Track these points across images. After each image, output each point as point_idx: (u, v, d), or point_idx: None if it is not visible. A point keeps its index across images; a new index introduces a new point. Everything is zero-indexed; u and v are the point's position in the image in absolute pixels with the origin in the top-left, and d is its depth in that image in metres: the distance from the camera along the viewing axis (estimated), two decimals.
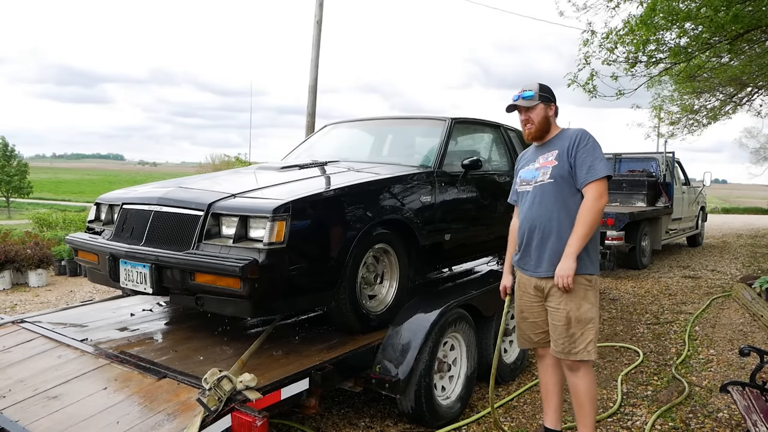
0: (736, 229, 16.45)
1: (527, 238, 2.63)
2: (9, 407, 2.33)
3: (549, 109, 2.64)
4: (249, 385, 2.29)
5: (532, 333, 2.75)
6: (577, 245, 2.45)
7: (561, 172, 2.54)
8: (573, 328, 2.53)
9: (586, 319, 2.53)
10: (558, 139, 2.64)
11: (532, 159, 2.72)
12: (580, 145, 2.53)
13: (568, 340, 2.55)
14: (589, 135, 2.58)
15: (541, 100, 2.61)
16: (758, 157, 34.06)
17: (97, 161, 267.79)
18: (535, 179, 2.62)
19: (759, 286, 6.11)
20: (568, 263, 2.45)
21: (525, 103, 2.61)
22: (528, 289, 2.69)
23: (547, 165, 2.59)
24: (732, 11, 7.04)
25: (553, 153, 2.60)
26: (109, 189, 4.15)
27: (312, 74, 10.68)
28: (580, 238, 2.45)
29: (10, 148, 42.47)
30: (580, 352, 2.54)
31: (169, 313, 3.62)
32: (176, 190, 3.06)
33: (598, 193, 2.47)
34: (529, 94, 2.62)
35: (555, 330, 2.59)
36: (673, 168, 9.73)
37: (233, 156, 25.41)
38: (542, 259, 2.58)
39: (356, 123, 4.82)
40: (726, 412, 3.43)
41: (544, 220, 2.56)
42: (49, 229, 11.24)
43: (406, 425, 3.19)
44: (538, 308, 2.68)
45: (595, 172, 2.47)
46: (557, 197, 2.54)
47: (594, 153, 2.51)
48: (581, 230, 2.46)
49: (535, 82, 2.66)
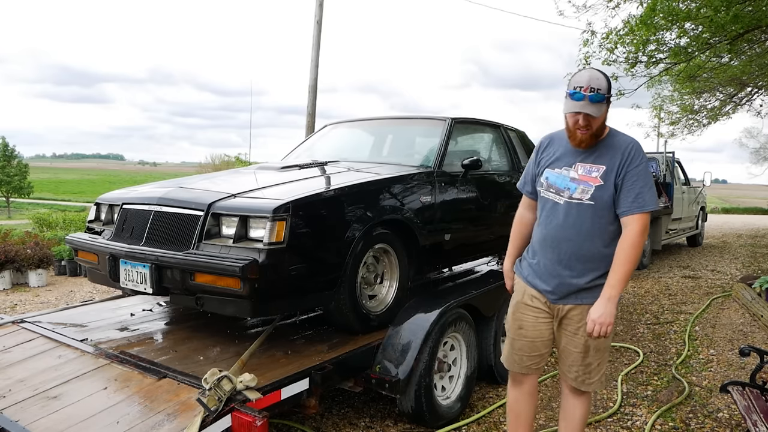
0: (736, 229, 16.46)
1: (548, 256, 2.26)
2: (9, 407, 2.33)
3: (608, 108, 2.14)
4: (249, 385, 2.29)
5: (525, 355, 2.37)
6: (620, 287, 2.11)
7: (605, 195, 2.13)
8: (590, 357, 2.27)
9: (604, 348, 2.28)
10: (607, 147, 2.16)
11: (567, 161, 2.23)
12: (632, 164, 2.11)
13: (584, 369, 2.29)
14: (643, 153, 2.16)
15: (607, 101, 2.09)
16: (758, 157, 34.13)
17: (97, 161, 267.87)
18: (570, 193, 2.18)
19: (759, 286, 6.11)
20: (610, 309, 2.10)
21: (595, 111, 2.05)
22: (537, 303, 2.32)
23: (589, 181, 2.15)
24: (732, 11, 7.05)
25: (599, 168, 2.14)
26: (109, 189, 4.15)
27: (312, 74, 10.68)
28: (622, 278, 2.11)
29: (10, 149, 42.47)
30: (595, 383, 2.32)
31: (169, 313, 3.62)
32: (176, 190, 3.06)
33: (643, 227, 2.10)
34: (600, 97, 2.04)
35: (568, 356, 2.31)
36: (673, 168, 9.73)
37: (233, 156, 25.44)
38: (564, 285, 2.23)
39: (356, 123, 4.82)
40: (726, 412, 3.43)
41: (574, 245, 2.19)
42: (49, 229, 11.23)
43: (406, 425, 3.19)
44: (544, 326, 2.33)
45: (643, 203, 2.10)
46: (594, 223, 2.16)
47: (645, 178, 2.12)
48: (624, 269, 2.10)
49: (601, 75, 2.08)
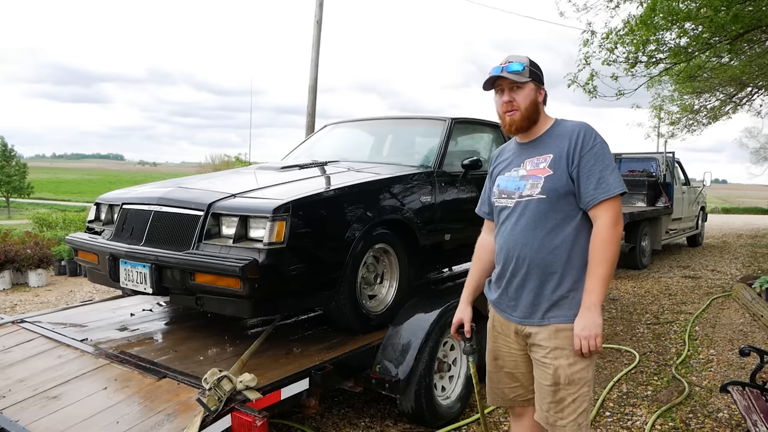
0: (736, 229, 16.45)
1: (505, 271, 1.98)
2: (9, 407, 2.33)
3: (539, 92, 1.98)
4: (249, 385, 2.29)
5: (506, 387, 2.10)
6: (599, 292, 1.81)
7: (557, 185, 1.89)
8: (562, 391, 1.89)
9: (579, 380, 1.88)
10: (552, 136, 1.97)
11: (516, 162, 2.03)
12: (584, 148, 1.87)
13: (555, 406, 1.90)
14: (595, 133, 1.92)
15: (532, 77, 1.94)
16: (758, 157, 34.12)
17: (97, 161, 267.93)
18: (520, 192, 1.95)
19: (759, 286, 6.11)
20: (593, 319, 1.80)
21: (513, 77, 1.91)
22: (506, 331, 2.04)
23: (537, 174, 1.93)
24: (732, 11, 7.05)
25: (546, 158, 1.93)
26: (109, 189, 4.15)
27: (312, 74, 10.68)
28: (601, 281, 1.81)
29: (9, 148, 42.48)
30: (569, 425, 1.89)
31: (169, 313, 3.62)
32: (176, 190, 3.06)
33: (615, 217, 1.83)
34: (518, 67, 1.92)
35: (540, 391, 1.96)
36: (673, 168, 9.74)
37: (233, 156, 25.46)
38: (525, 301, 1.95)
39: (356, 123, 4.82)
40: (726, 412, 3.43)
41: (530, 250, 1.91)
42: (49, 229, 11.24)
43: (406, 425, 3.19)
44: (519, 357, 2.04)
45: (607, 187, 1.83)
46: (550, 220, 1.89)
47: (603, 160, 1.87)
48: (601, 270, 1.81)
49: (524, 55, 1.98)
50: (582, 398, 1.90)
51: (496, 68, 1.96)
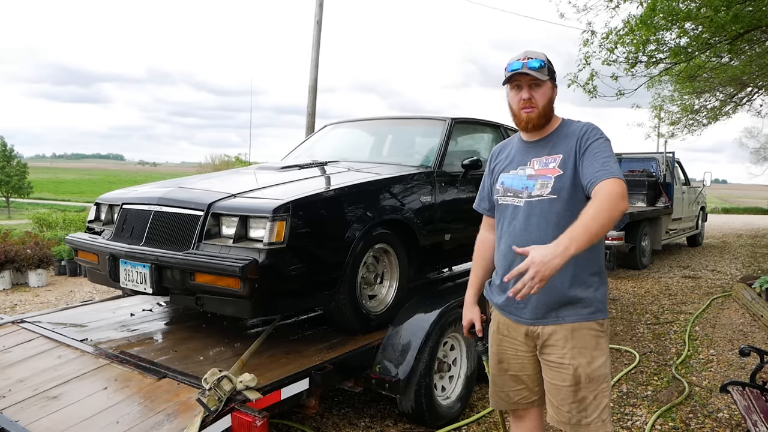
0: (736, 229, 16.46)
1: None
2: (9, 407, 2.33)
3: (554, 91, 1.97)
4: (249, 385, 2.29)
5: (511, 390, 2.07)
6: (580, 241, 1.57)
7: (568, 185, 1.86)
8: (584, 390, 1.86)
9: (600, 377, 1.88)
10: (560, 136, 1.95)
11: (522, 160, 2.00)
12: (590, 139, 1.87)
13: (577, 406, 1.87)
14: (600, 131, 1.92)
15: (550, 75, 1.93)
16: (758, 157, 34.11)
17: (97, 161, 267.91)
18: (529, 192, 1.92)
19: (759, 286, 6.11)
20: (552, 254, 1.54)
21: (535, 74, 1.88)
22: (513, 333, 2.00)
23: (547, 174, 1.91)
24: (732, 11, 7.05)
25: (556, 158, 1.91)
26: (109, 189, 4.15)
27: (312, 74, 10.68)
28: (584, 232, 1.59)
29: (9, 148, 42.50)
30: (594, 422, 1.87)
31: (169, 313, 3.62)
32: (176, 190, 3.06)
33: (621, 191, 1.70)
34: (538, 64, 1.89)
35: (557, 393, 1.91)
36: (673, 168, 9.74)
37: (233, 156, 25.46)
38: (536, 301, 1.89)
39: (356, 123, 4.82)
40: (726, 412, 3.43)
41: None
42: (49, 229, 11.24)
43: (406, 425, 3.19)
44: (526, 359, 2.00)
45: (611, 170, 1.77)
46: (561, 220, 1.82)
47: (607, 150, 1.86)
48: (592, 224, 1.61)
49: (540, 53, 1.94)
50: (602, 394, 1.89)
51: (516, 63, 1.91)
